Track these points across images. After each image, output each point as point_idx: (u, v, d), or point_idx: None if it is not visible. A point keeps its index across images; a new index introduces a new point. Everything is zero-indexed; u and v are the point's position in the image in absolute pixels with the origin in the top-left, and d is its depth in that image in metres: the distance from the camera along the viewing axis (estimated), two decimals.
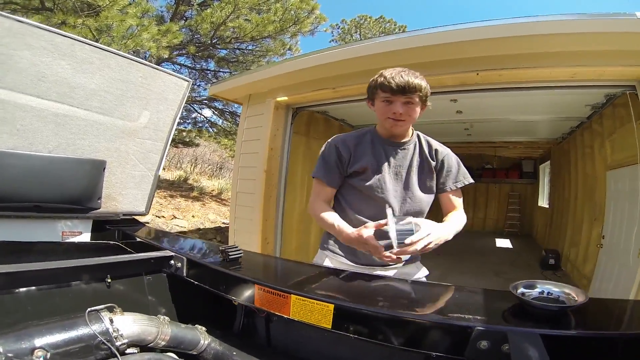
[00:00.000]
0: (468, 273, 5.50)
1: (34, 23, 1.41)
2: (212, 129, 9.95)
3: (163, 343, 0.90)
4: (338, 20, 18.34)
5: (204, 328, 1.04)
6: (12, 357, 0.68)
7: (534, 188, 9.69)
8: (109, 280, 1.08)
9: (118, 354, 0.79)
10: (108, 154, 1.75)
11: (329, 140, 1.44)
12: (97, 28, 5.07)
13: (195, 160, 13.59)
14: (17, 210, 1.53)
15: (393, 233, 1.07)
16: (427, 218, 1.38)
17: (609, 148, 3.84)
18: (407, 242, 1.05)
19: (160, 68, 1.88)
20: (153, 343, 0.88)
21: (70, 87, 1.57)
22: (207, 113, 9.92)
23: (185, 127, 9.56)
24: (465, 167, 1.46)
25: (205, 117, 9.94)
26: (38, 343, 0.73)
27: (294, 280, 1.06)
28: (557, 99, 3.64)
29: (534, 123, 5.15)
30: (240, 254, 1.19)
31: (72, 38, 1.52)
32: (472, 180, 1.42)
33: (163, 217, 7.13)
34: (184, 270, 1.19)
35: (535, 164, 9.80)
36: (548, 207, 7.82)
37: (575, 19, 2.30)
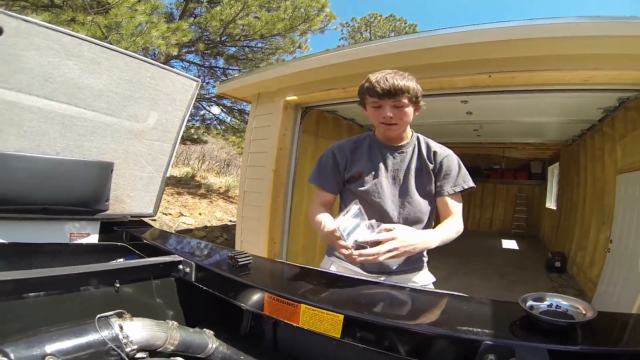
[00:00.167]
0: (473, 274, 5.46)
1: (41, 22, 1.39)
2: (220, 126, 9.97)
3: (172, 348, 0.91)
4: (348, 19, 18.26)
5: (212, 332, 1.04)
6: None
7: (542, 189, 9.60)
8: (118, 285, 1.08)
9: None
10: (116, 156, 1.74)
11: (329, 147, 1.45)
12: (106, 25, 5.07)
13: (203, 157, 13.67)
14: (24, 213, 1.53)
15: (338, 224, 1.07)
16: (431, 223, 1.37)
17: (620, 151, 3.79)
18: (359, 240, 1.06)
19: (169, 68, 1.86)
20: (162, 348, 0.89)
21: (78, 87, 1.55)
22: (215, 110, 9.94)
23: (194, 124, 9.58)
24: (474, 167, 1.44)
25: (214, 114, 9.96)
26: (49, 349, 0.74)
27: (304, 289, 1.05)
28: (569, 102, 3.59)
29: (545, 125, 5.08)
30: (249, 260, 1.19)
31: (79, 38, 1.50)
32: (472, 185, 1.36)
33: (170, 214, 7.17)
34: (193, 276, 1.20)
35: (544, 165, 9.69)
36: (556, 209, 7.73)
37: (590, 22, 2.24)
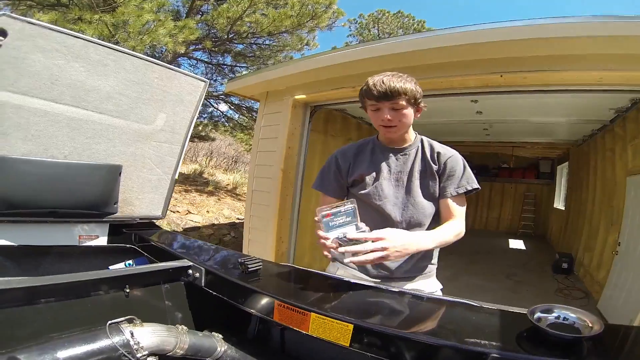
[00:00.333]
0: (479, 274, 5.41)
1: (46, 24, 1.37)
2: (227, 123, 9.95)
3: (181, 352, 0.92)
4: (356, 15, 18.01)
5: (221, 335, 1.05)
6: None
7: (550, 189, 9.45)
8: (128, 290, 1.09)
9: None
10: (124, 158, 1.73)
11: (333, 153, 1.48)
12: (113, 24, 5.06)
13: (211, 154, 13.71)
14: (33, 216, 1.52)
15: (322, 212, 1.10)
16: (436, 225, 1.34)
17: (631, 153, 3.70)
18: (349, 236, 1.09)
19: (177, 69, 1.82)
20: (172, 352, 0.91)
21: (85, 90, 1.53)
22: (223, 107, 9.93)
23: (202, 121, 9.57)
24: (482, 165, 1.40)
25: (222, 111, 9.95)
26: (61, 356, 0.75)
27: (314, 297, 1.03)
28: (580, 102, 3.52)
29: (555, 125, 5.01)
30: (259, 266, 1.18)
31: (85, 39, 1.48)
32: (477, 186, 1.32)
33: (178, 212, 7.19)
34: (202, 281, 1.20)
35: (553, 165, 9.54)
36: (564, 209, 7.61)
37: (603, 22, 2.17)
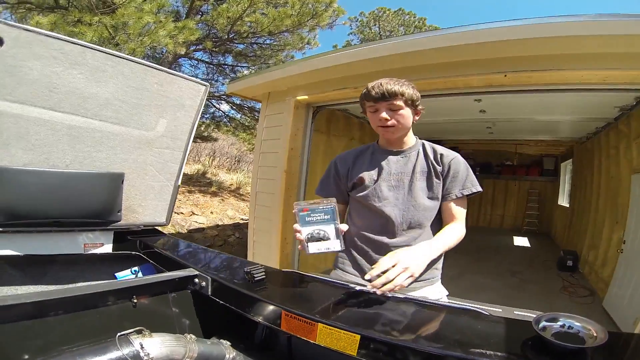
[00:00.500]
0: (484, 272, 5.37)
1: (42, 31, 1.34)
2: (230, 123, 9.93)
3: None
4: (356, 13, 17.88)
5: (229, 342, 1.06)
6: None
7: (554, 186, 9.35)
8: (135, 300, 1.09)
9: None
10: (126, 166, 1.71)
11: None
12: (113, 26, 5.04)
13: (214, 154, 13.70)
14: (37, 227, 1.52)
15: (299, 206, 1.16)
16: (438, 226, 1.36)
17: (636, 150, 3.65)
18: (315, 234, 1.15)
19: (176, 73, 1.79)
20: None
21: (83, 97, 1.51)
22: (225, 107, 9.91)
23: (204, 121, 9.54)
24: (485, 163, 1.39)
25: (223, 112, 9.93)
26: None
27: (320, 306, 1.03)
28: (584, 100, 3.49)
29: (559, 123, 4.99)
30: (264, 275, 1.18)
31: (82, 45, 1.45)
32: (480, 189, 1.35)
33: (182, 213, 7.18)
34: (209, 290, 1.21)
35: (557, 162, 9.43)
36: (568, 206, 7.54)
37: (609, 20, 2.13)
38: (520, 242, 8.47)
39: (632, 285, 3.22)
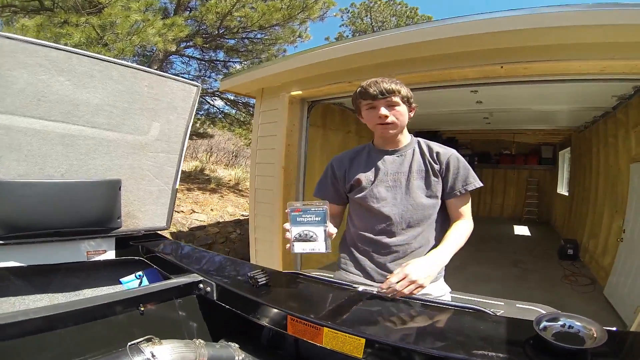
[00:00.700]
0: (486, 263, 5.40)
1: (26, 38, 1.31)
2: (225, 119, 9.86)
3: None
4: (347, 4, 17.53)
5: (237, 345, 1.07)
6: None
7: (553, 174, 9.39)
8: (142, 308, 1.10)
9: None
10: (122, 172, 1.69)
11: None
12: (100, 25, 4.94)
13: (211, 150, 13.63)
14: (38, 237, 1.51)
15: (293, 206, 1.17)
16: (437, 224, 1.36)
17: (634, 139, 3.64)
18: (302, 235, 1.15)
19: (166, 75, 1.76)
20: None
21: (73, 104, 1.48)
22: (219, 103, 9.81)
23: (199, 117, 9.45)
24: (484, 152, 1.38)
25: (218, 108, 9.84)
26: None
27: (325, 310, 1.04)
28: (582, 90, 3.46)
29: (556, 112, 4.97)
30: (268, 279, 1.19)
31: (68, 51, 1.42)
32: (481, 184, 1.36)
33: (182, 211, 7.16)
34: (214, 295, 1.22)
35: (555, 150, 9.43)
36: (567, 195, 7.56)
37: (607, 10, 2.09)
38: (521, 231, 8.51)
39: (632, 274, 3.25)
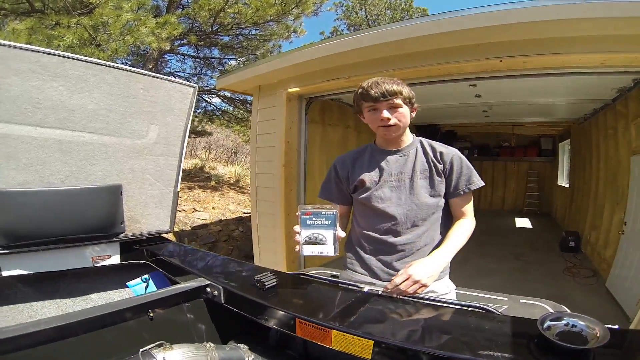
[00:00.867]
0: (488, 256, 5.44)
1: (15, 44, 1.28)
2: (223, 117, 9.80)
3: None
4: None
5: (246, 346, 1.09)
6: None
7: (553, 166, 9.39)
8: (152, 314, 1.11)
9: None
10: (122, 177, 1.67)
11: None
12: (92, 26, 4.87)
13: (210, 147, 13.59)
14: (42, 246, 1.50)
15: (303, 209, 1.18)
16: (441, 223, 1.38)
17: (635, 131, 3.63)
18: (312, 237, 1.17)
19: (162, 76, 1.73)
20: None
21: (69, 110, 1.45)
22: (216, 100, 9.75)
23: (197, 115, 9.39)
24: (483, 145, 1.38)
25: (215, 105, 9.78)
26: None
27: (333, 312, 1.05)
28: (582, 82, 3.45)
29: (556, 104, 4.95)
30: (275, 282, 1.18)
31: (60, 55, 1.39)
32: (483, 183, 1.38)
33: (184, 210, 7.15)
34: (222, 298, 1.22)
35: (554, 142, 9.41)
36: (568, 186, 7.56)
37: (607, 3, 2.05)
38: (522, 223, 8.55)
39: (634, 266, 3.27)
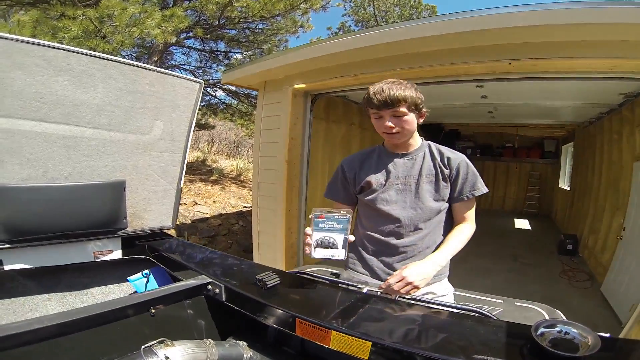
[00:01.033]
0: (486, 256, 5.48)
1: (20, 38, 1.26)
2: (227, 110, 9.78)
3: None
4: None
5: (245, 343, 1.11)
6: None
7: (555, 169, 9.37)
8: (153, 311, 1.12)
9: None
10: (126, 173, 1.67)
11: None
12: (97, 18, 4.85)
13: (212, 140, 13.58)
14: (44, 241, 1.50)
15: (316, 213, 1.20)
16: (445, 226, 1.40)
17: (639, 137, 3.62)
18: (325, 240, 1.18)
19: (168, 72, 1.72)
20: None
21: (74, 105, 1.44)
22: (220, 94, 9.72)
23: (201, 108, 9.37)
24: (486, 145, 1.38)
25: (219, 99, 9.76)
26: None
27: (333, 312, 1.07)
28: (589, 87, 3.42)
29: (562, 107, 4.92)
30: (277, 282, 1.19)
31: (65, 50, 1.37)
32: (487, 189, 1.39)
33: (184, 203, 7.16)
34: (223, 296, 1.23)
35: (558, 144, 9.38)
36: (569, 189, 7.55)
37: (618, 8, 2.03)
38: (521, 224, 8.58)
39: (630, 272, 3.27)
